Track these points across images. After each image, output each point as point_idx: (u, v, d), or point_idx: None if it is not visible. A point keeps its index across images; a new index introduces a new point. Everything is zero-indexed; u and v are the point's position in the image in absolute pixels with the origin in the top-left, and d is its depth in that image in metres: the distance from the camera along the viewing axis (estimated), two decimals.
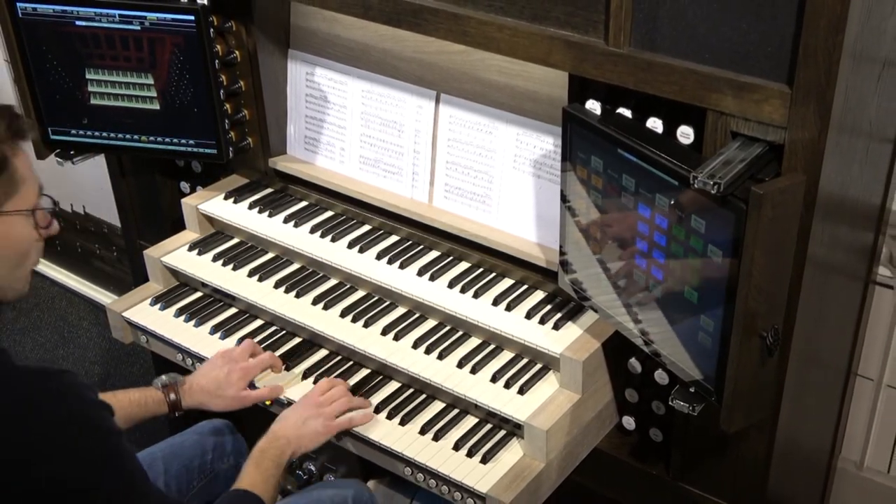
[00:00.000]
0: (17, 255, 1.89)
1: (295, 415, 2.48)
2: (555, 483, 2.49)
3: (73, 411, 1.81)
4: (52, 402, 1.78)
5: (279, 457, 2.38)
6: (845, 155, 2.19)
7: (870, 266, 2.81)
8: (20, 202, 1.85)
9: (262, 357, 2.67)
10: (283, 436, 2.42)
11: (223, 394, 2.59)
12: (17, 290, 1.96)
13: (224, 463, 2.79)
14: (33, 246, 1.93)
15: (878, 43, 2.16)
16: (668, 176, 2.12)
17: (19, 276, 1.94)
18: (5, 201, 1.82)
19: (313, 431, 2.46)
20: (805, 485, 2.99)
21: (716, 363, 2.14)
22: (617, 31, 2.18)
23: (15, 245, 1.87)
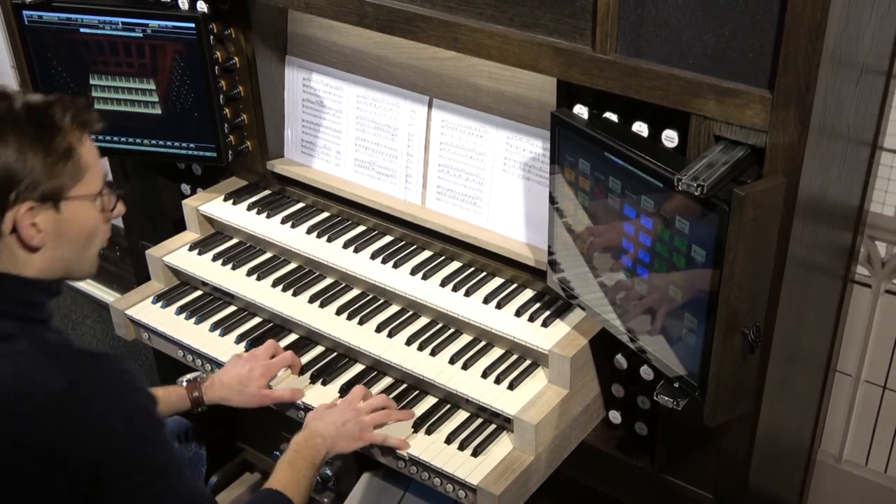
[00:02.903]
0: (84, 238, 1.94)
1: (334, 415, 2.44)
2: (543, 475, 2.49)
3: (125, 396, 1.85)
4: (106, 384, 1.83)
5: (314, 456, 2.33)
6: (825, 158, 2.19)
7: (848, 265, 2.81)
8: (85, 187, 1.89)
9: (283, 356, 2.65)
10: (321, 434, 2.37)
11: (245, 390, 2.57)
12: (86, 269, 2.01)
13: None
14: (99, 228, 1.98)
15: (856, 49, 2.15)
16: (654, 178, 2.11)
17: (88, 256, 1.98)
18: (72, 187, 1.87)
19: (350, 435, 2.41)
20: (785, 477, 2.99)
21: (699, 359, 2.14)
22: (603, 38, 2.17)
23: (82, 228, 1.92)
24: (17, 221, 1.81)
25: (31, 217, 1.83)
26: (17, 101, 1.85)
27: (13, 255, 1.86)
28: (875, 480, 3.14)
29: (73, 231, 1.90)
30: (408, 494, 2.90)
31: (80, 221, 1.91)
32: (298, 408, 2.61)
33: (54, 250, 1.89)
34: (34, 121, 1.83)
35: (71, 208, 1.88)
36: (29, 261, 1.87)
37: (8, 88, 1.87)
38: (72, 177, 1.86)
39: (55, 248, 1.89)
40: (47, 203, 1.84)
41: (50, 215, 1.85)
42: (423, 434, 2.49)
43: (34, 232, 1.84)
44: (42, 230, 1.85)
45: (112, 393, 1.83)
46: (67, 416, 1.76)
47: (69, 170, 1.86)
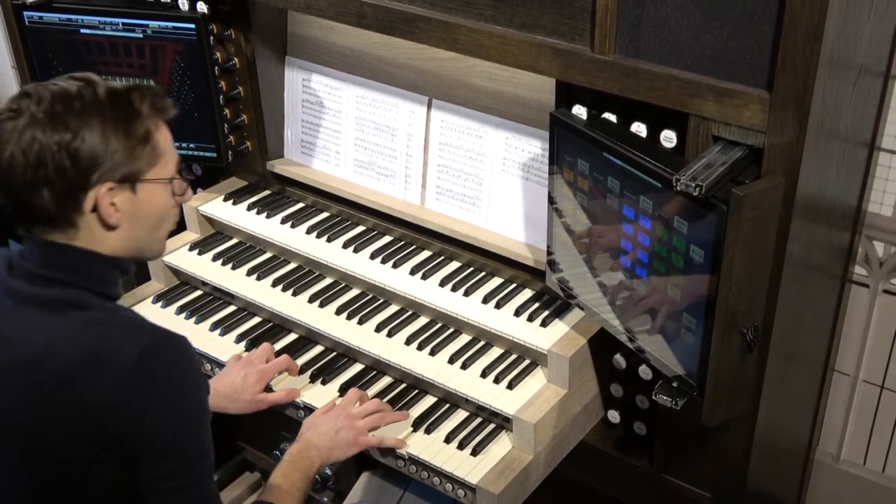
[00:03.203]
0: (156, 220, 2.01)
1: (327, 424, 2.43)
2: (542, 474, 2.49)
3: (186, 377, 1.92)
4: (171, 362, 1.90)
5: (308, 468, 2.33)
6: (823, 158, 2.19)
7: (846, 265, 2.81)
8: (160, 171, 1.97)
9: (277, 361, 2.64)
10: (315, 445, 2.37)
11: (240, 398, 2.55)
12: (156, 251, 2.10)
13: None
14: (170, 211, 2.05)
15: (854, 50, 2.15)
16: (652, 179, 2.11)
17: (158, 238, 2.06)
18: (147, 170, 1.94)
19: (344, 443, 2.41)
20: (784, 476, 2.99)
21: (698, 359, 2.14)
22: (602, 39, 2.17)
23: (155, 210, 1.99)
24: (98, 200, 1.88)
25: (111, 197, 1.90)
26: (100, 87, 1.91)
27: (91, 232, 1.93)
28: (873, 480, 3.15)
29: (147, 212, 1.98)
30: (407, 493, 2.90)
31: (154, 203, 1.98)
32: (298, 407, 2.61)
33: (129, 230, 1.96)
34: (116, 106, 1.90)
35: (146, 190, 1.95)
36: (105, 239, 1.94)
37: (92, 76, 1.94)
38: (148, 161, 1.94)
39: (130, 227, 1.96)
40: (125, 184, 1.91)
41: (127, 196, 1.93)
42: (423, 433, 2.49)
43: (112, 211, 1.91)
44: (119, 210, 1.92)
45: (176, 371, 1.90)
46: (131, 387, 1.83)
47: (146, 154, 1.93)
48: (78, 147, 1.84)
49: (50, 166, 1.83)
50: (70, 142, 1.83)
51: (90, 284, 1.94)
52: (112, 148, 1.87)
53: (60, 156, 1.83)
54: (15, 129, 1.83)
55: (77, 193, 1.86)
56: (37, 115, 1.83)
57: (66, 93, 1.87)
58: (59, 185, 1.84)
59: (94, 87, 1.90)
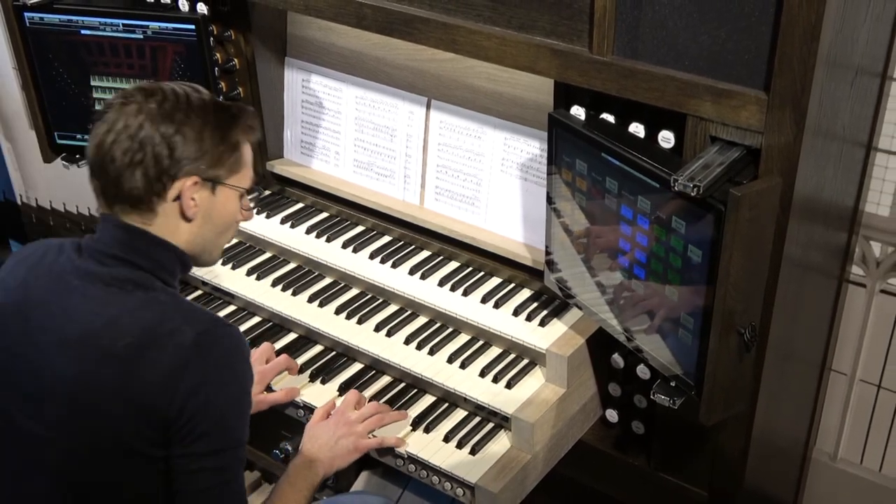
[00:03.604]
0: (224, 224, 2.17)
1: (326, 434, 2.43)
2: (541, 473, 2.49)
3: (236, 365, 2.02)
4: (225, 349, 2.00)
5: (313, 478, 2.34)
6: (820, 158, 2.19)
7: (843, 265, 2.81)
8: (239, 181, 2.14)
9: (277, 361, 2.65)
10: (317, 459, 2.38)
11: None
12: (213, 257, 2.24)
13: None
14: (234, 222, 2.20)
15: (851, 50, 2.15)
16: (650, 179, 2.11)
17: (218, 244, 2.21)
18: (229, 176, 2.12)
19: (345, 451, 2.42)
20: (781, 475, 2.99)
21: (695, 359, 2.14)
22: (600, 40, 2.17)
23: (225, 215, 2.15)
24: (182, 191, 2.04)
25: (193, 191, 2.05)
26: (207, 96, 2.12)
27: (168, 221, 2.07)
28: (870, 479, 3.15)
29: (219, 215, 2.13)
30: (406, 492, 2.90)
31: (226, 209, 2.14)
32: (298, 406, 2.61)
33: (200, 227, 2.11)
34: (217, 113, 2.09)
35: (223, 194, 2.11)
36: (178, 230, 2.09)
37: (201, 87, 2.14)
38: (231, 168, 2.11)
39: (201, 225, 2.11)
40: (208, 183, 2.08)
41: (206, 195, 2.09)
42: (422, 432, 2.49)
43: (192, 204, 2.06)
44: (197, 205, 2.07)
45: (228, 357, 2.00)
46: (187, 365, 1.93)
47: (232, 161, 2.11)
48: (177, 140, 2.02)
49: (149, 152, 2.00)
50: (172, 135, 2.01)
51: (157, 270, 2.07)
52: (205, 147, 2.05)
53: (161, 145, 2.00)
54: (126, 115, 2.01)
55: (165, 180, 2.02)
56: (148, 106, 2.02)
57: (177, 93, 2.06)
58: (152, 170, 2.00)
59: (201, 94, 2.10)
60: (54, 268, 2.06)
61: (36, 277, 2.06)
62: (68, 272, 2.04)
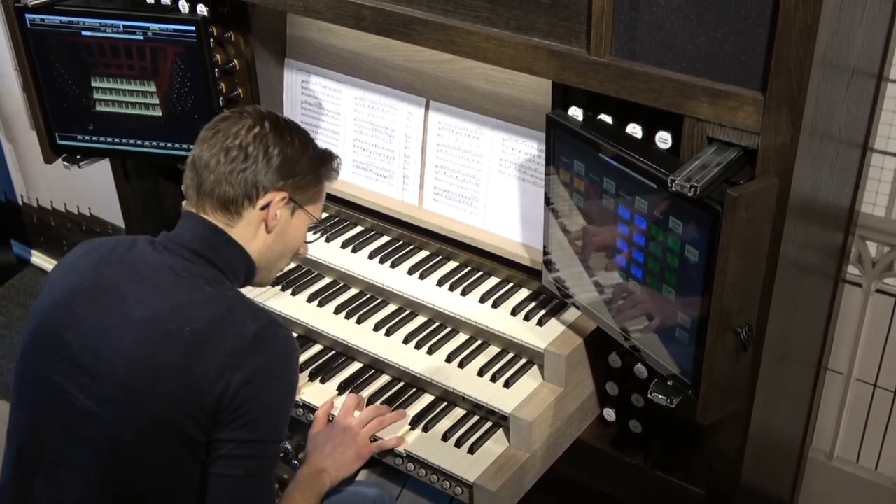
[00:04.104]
0: (289, 247, 2.28)
1: (330, 443, 2.44)
2: (539, 472, 2.49)
3: (288, 365, 2.10)
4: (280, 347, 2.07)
5: (321, 489, 2.36)
6: (816, 159, 2.19)
7: (839, 265, 2.81)
8: (313, 210, 2.27)
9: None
10: (323, 468, 2.39)
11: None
12: (271, 276, 2.33)
13: None
14: (295, 249, 2.31)
15: (847, 52, 2.15)
16: (647, 179, 2.11)
17: (278, 266, 2.32)
18: (308, 204, 2.25)
19: (349, 460, 2.43)
20: (778, 473, 2.99)
21: (692, 358, 2.14)
22: (598, 41, 2.17)
23: (293, 237, 2.26)
24: (271, 202, 2.16)
25: (280, 206, 2.17)
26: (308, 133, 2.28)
27: (249, 227, 2.17)
28: (866, 477, 3.15)
29: (290, 236, 2.24)
30: (405, 491, 2.90)
31: (297, 232, 2.26)
32: (297, 405, 2.61)
33: (273, 242, 2.22)
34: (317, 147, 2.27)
35: (300, 218, 2.24)
36: (255, 238, 2.19)
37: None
38: (312, 198, 2.25)
39: (275, 239, 2.22)
40: (292, 203, 2.20)
41: (287, 213, 2.20)
42: (420, 431, 2.49)
43: (275, 217, 2.17)
44: (277, 220, 2.18)
45: (282, 356, 2.07)
46: (244, 356, 1.99)
47: (314, 192, 2.25)
48: (280, 158, 2.15)
49: (252, 161, 2.12)
50: (278, 153, 2.14)
51: (227, 270, 2.15)
52: (300, 171, 2.18)
53: (265, 158, 2.13)
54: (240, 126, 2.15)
55: (259, 189, 2.14)
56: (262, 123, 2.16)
57: (288, 121, 2.23)
58: (251, 177, 2.12)
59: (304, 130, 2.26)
60: (127, 257, 2.13)
61: (108, 265, 2.12)
62: (141, 262, 2.11)
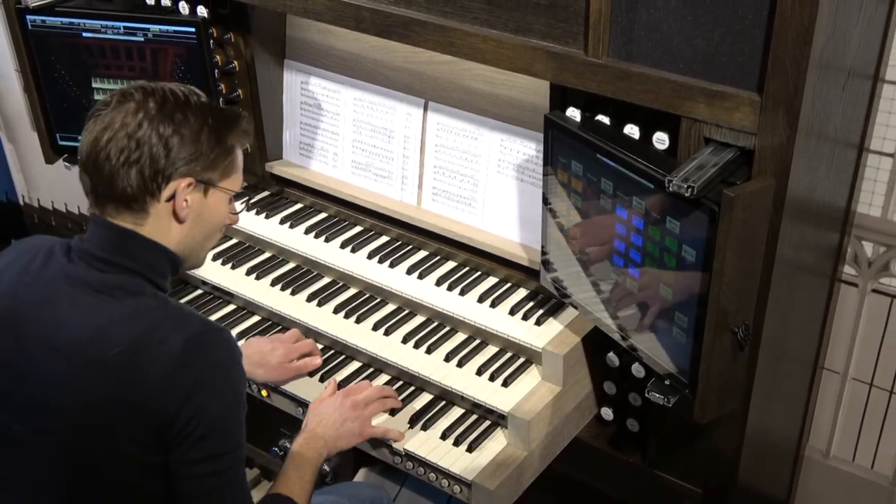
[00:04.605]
0: (212, 227, 2.14)
1: (333, 414, 2.42)
2: (537, 470, 2.48)
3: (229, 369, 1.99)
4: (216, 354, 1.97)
5: (317, 459, 2.33)
6: (812, 160, 2.19)
7: (836, 265, 2.81)
8: (230, 185, 2.11)
9: (305, 342, 2.69)
10: (321, 436, 2.37)
11: (266, 363, 2.60)
12: (200, 260, 2.20)
13: None
14: (222, 226, 2.17)
15: (843, 53, 2.15)
16: (645, 180, 2.11)
17: (205, 247, 2.18)
18: (222, 180, 2.09)
19: (350, 433, 2.41)
20: (774, 472, 2.99)
21: (690, 357, 2.13)
22: (596, 43, 2.17)
23: (215, 218, 2.12)
24: (177, 192, 2.01)
25: (187, 192, 2.02)
26: (205, 99, 2.09)
27: (159, 222, 2.03)
28: (862, 476, 3.15)
29: (209, 217, 2.10)
30: (404, 489, 2.90)
31: (216, 211, 2.11)
32: (296, 400, 2.61)
33: (191, 229, 2.08)
34: (216, 116, 2.06)
35: (215, 197, 2.08)
36: (169, 231, 2.05)
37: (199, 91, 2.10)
38: (224, 172, 2.09)
39: (192, 227, 2.08)
40: (201, 185, 2.04)
41: (199, 197, 2.05)
42: (419, 430, 2.49)
43: (185, 206, 2.02)
44: (189, 207, 2.04)
45: (219, 361, 1.96)
46: (177, 373, 1.89)
47: (225, 165, 2.08)
48: (175, 141, 1.98)
49: (146, 151, 1.96)
50: (170, 135, 1.98)
51: (147, 273, 2.03)
52: (202, 149, 2.02)
53: (158, 145, 1.97)
54: (124, 113, 1.97)
55: (160, 180, 1.98)
56: (147, 106, 1.98)
57: (176, 94, 2.03)
58: (148, 170, 1.96)
59: (199, 96, 2.07)
60: (44, 273, 2.02)
61: (26, 285, 2.02)
62: (58, 278, 2.01)
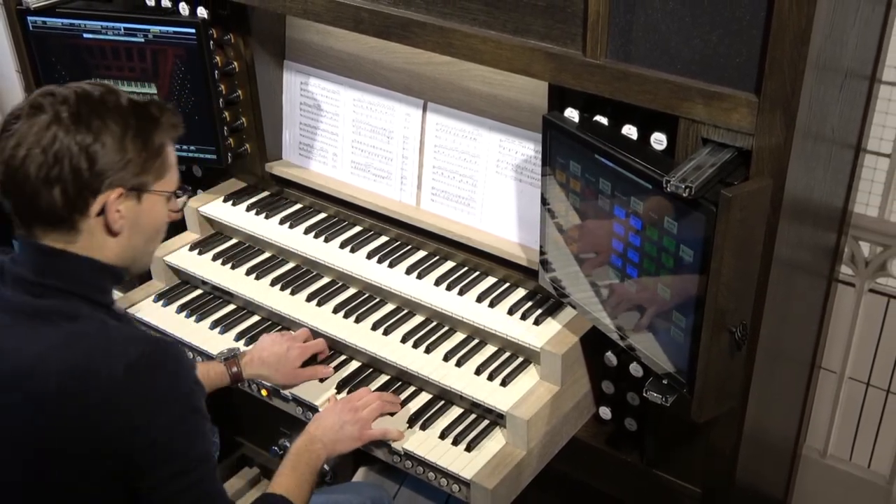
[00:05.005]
0: (153, 231, 2.03)
1: (332, 418, 2.42)
2: (535, 470, 2.48)
3: (178, 384, 1.89)
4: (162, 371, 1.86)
5: (315, 461, 2.32)
6: (810, 160, 2.19)
7: (833, 265, 2.81)
8: (165, 185, 1.99)
9: (316, 341, 2.69)
10: (320, 440, 2.37)
11: (282, 368, 2.60)
12: (145, 263, 2.10)
13: None
14: (164, 226, 2.06)
15: (840, 54, 2.15)
16: (643, 180, 2.11)
17: (149, 251, 2.07)
18: (154, 182, 1.95)
19: (349, 437, 2.41)
20: (772, 471, 2.99)
21: (687, 357, 2.13)
22: (594, 44, 2.17)
23: (154, 222, 2.00)
24: (106, 205, 1.88)
25: (118, 204, 1.90)
26: (123, 97, 1.93)
27: (92, 237, 1.92)
28: (859, 475, 3.15)
29: (147, 223, 1.98)
30: (403, 488, 2.90)
31: (154, 215, 1.99)
32: (289, 399, 2.61)
33: (128, 238, 1.96)
34: (137, 116, 1.92)
35: (150, 201, 1.96)
36: (104, 245, 1.93)
37: (112, 85, 1.96)
38: (157, 174, 1.96)
39: (129, 236, 1.96)
40: (133, 193, 1.92)
41: (132, 205, 1.93)
42: (418, 430, 2.49)
43: (118, 217, 1.90)
44: (124, 217, 1.92)
45: (165, 380, 1.87)
46: (127, 396, 1.81)
47: (157, 166, 1.95)
48: (97, 150, 1.84)
49: (66, 166, 1.82)
50: (91, 144, 1.83)
51: (85, 291, 1.92)
52: (129, 156, 1.88)
53: (79, 157, 1.82)
54: (36, 126, 1.82)
55: (87, 196, 1.85)
56: (60, 114, 1.83)
57: (91, 96, 1.88)
58: (72, 186, 1.83)
59: (117, 95, 1.92)
60: None
61: None
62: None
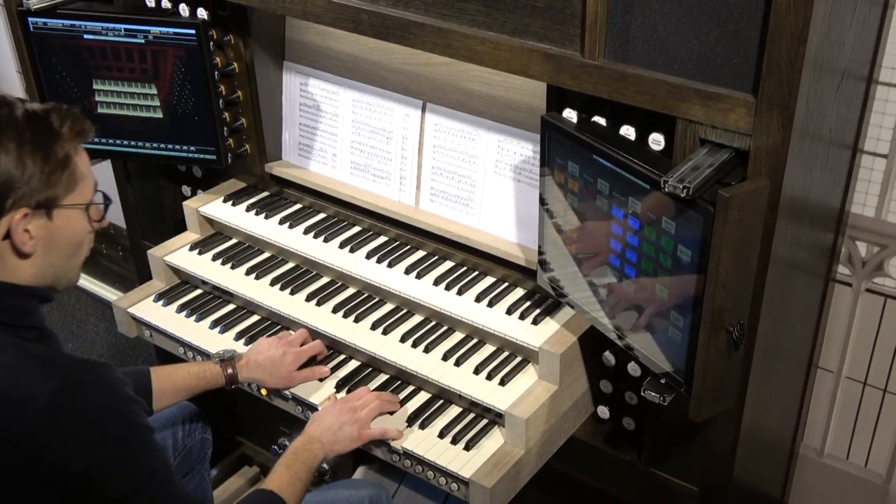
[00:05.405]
0: (72, 246, 1.92)
1: (331, 418, 2.42)
2: (534, 468, 2.48)
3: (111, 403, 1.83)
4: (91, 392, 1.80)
5: (311, 460, 2.32)
6: (807, 160, 2.19)
7: (830, 265, 2.81)
8: (78, 197, 1.88)
9: (312, 344, 2.68)
10: (318, 439, 2.37)
11: (277, 372, 2.59)
12: (70, 279, 1.99)
13: None
14: (87, 238, 1.96)
15: (837, 55, 2.15)
16: (641, 180, 2.10)
17: (73, 266, 1.97)
18: (66, 196, 1.85)
19: (348, 437, 2.41)
20: (769, 470, 2.99)
21: (685, 356, 2.13)
22: (592, 45, 2.17)
23: (72, 237, 1.90)
24: (11, 227, 1.80)
25: (25, 224, 1.81)
26: (18, 108, 1.83)
27: (4, 261, 1.84)
28: (856, 474, 3.14)
29: (63, 239, 1.89)
30: (402, 487, 2.90)
31: (71, 230, 1.90)
32: (289, 399, 2.61)
33: (44, 258, 1.88)
34: (34, 128, 1.82)
35: (63, 217, 1.86)
36: (19, 267, 1.86)
37: (8, 96, 1.85)
38: (66, 186, 1.86)
39: (45, 255, 1.88)
40: (41, 210, 1.82)
41: (42, 223, 1.84)
42: (417, 429, 2.49)
43: (26, 238, 1.82)
44: (34, 237, 1.83)
45: (98, 400, 1.81)
46: (55, 425, 1.75)
47: (65, 179, 1.85)
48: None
49: None
50: None
51: (5, 318, 1.84)
52: (29, 172, 1.79)
53: None
54: None
55: None
56: None
57: None
58: None
59: (11, 107, 1.83)
60: None
61: None
62: None
